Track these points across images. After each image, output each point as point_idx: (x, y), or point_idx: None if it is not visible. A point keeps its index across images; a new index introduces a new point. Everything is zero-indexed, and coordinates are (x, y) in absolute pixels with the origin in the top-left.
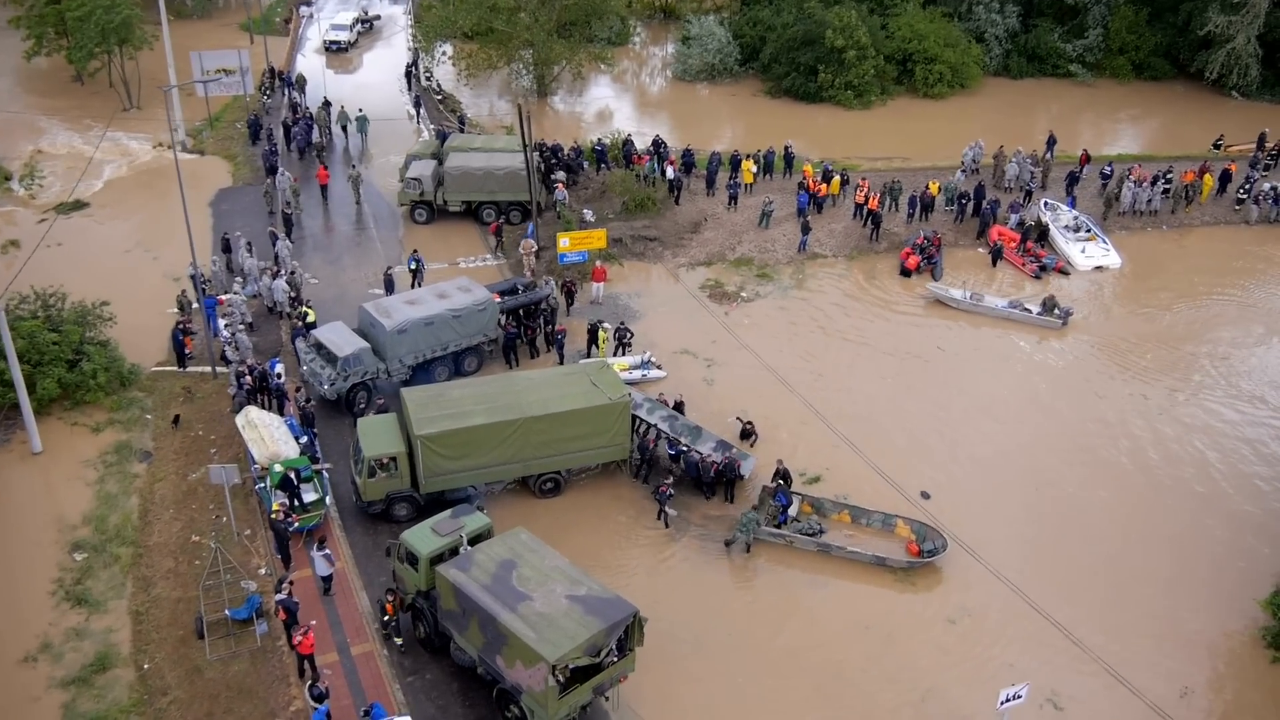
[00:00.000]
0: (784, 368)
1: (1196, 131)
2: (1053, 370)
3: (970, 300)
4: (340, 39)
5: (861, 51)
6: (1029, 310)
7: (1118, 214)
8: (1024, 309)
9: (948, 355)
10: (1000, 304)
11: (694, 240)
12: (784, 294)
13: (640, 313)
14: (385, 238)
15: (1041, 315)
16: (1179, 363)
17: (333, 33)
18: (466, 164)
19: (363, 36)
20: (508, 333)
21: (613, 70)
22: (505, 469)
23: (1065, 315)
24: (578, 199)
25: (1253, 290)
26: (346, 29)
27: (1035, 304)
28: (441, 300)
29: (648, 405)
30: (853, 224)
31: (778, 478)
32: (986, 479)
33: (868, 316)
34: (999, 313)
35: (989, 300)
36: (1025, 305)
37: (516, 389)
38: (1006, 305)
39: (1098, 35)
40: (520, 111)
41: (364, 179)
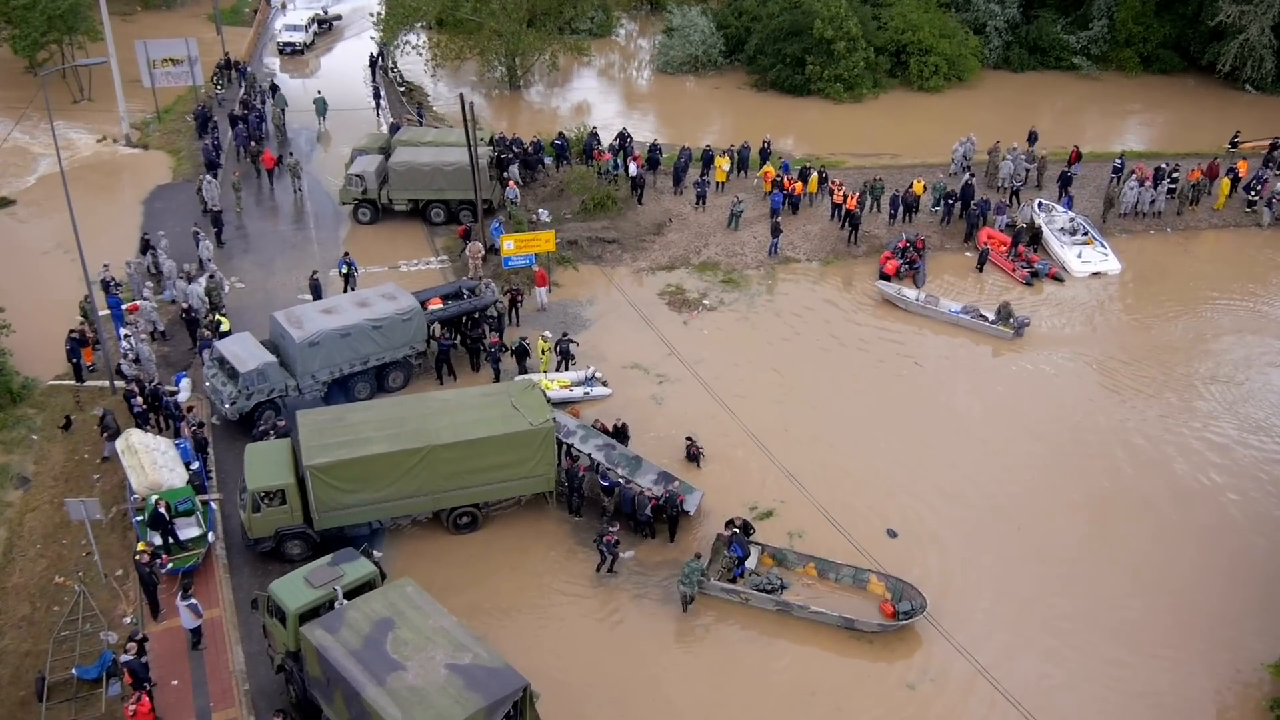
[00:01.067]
0: (743, 384)
1: (1208, 127)
2: (1040, 390)
3: (921, 302)
4: (295, 40)
5: (852, 43)
6: (984, 317)
7: (1118, 215)
8: (979, 315)
9: (924, 371)
10: (953, 308)
11: (656, 243)
12: (750, 302)
13: (591, 322)
14: (325, 238)
15: (994, 324)
16: (1176, 384)
17: (286, 34)
18: (413, 159)
19: (321, 37)
20: (441, 343)
21: (589, 61)
22: (412, 502)
23: (1020, 326)
24: (535, 197)
25: (1264, 300)
26: (301, 29)
27: (992, 310)
28: (361, 309)
29: (581, 432)
30: (830, 225)
31: (734, 527)
32: (961, 516)
33: (841, 327)
34: (950, 318)
35: (943, 304)
36: (981, 311)
37: (426, 413)
38: (959, 310)
39: (1103, 26)
40: (463, 103)
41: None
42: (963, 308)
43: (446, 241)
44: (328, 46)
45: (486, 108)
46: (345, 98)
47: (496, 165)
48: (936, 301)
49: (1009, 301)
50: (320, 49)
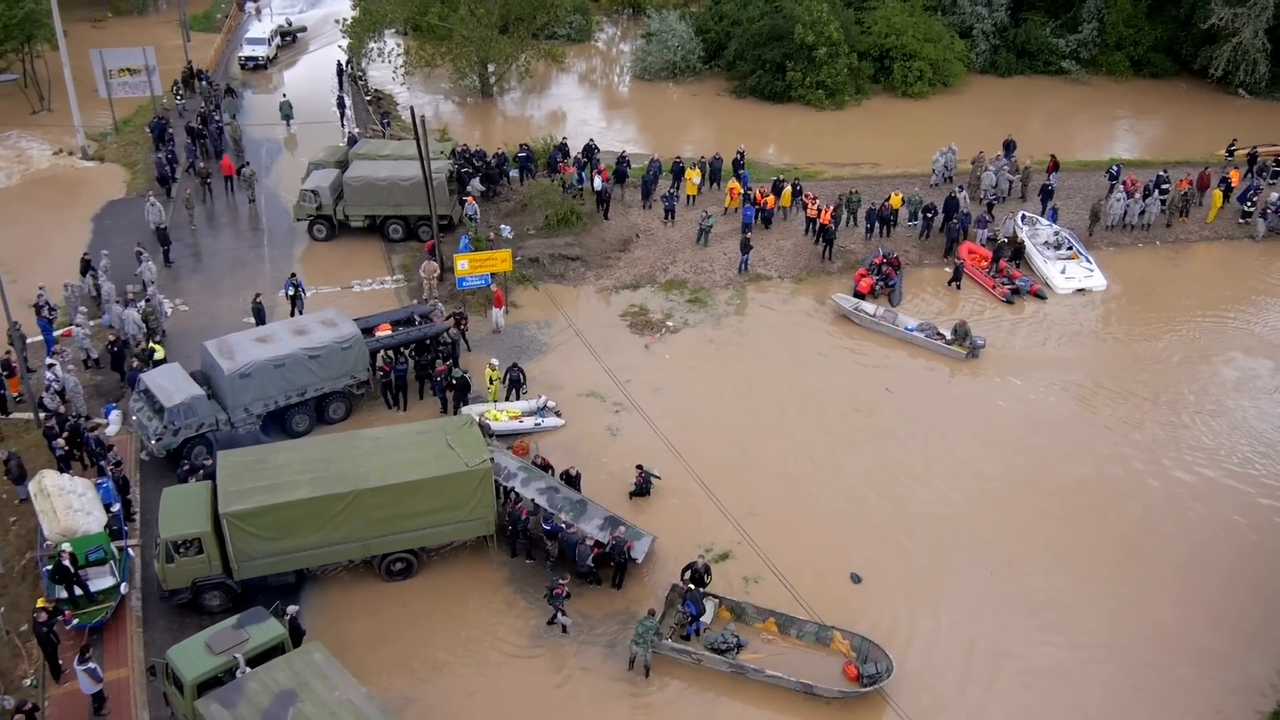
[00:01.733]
0: (703, 413)
1: (1201, 132)
2: (1017, 420)
3: (878, 318)
4: (257, 54)
5: (833, 48)
6: (941, 336)
7: (1105, 228)
8: (936, 334)
9: (895, 399)
10: (909, 325)
11: (622, 260)
12: (716, 323)
13: (548, 346)
14: (278, 256)
15: (949, 344)
16: (1161, 413)
17: (248, 48)
18: (369, 174)
19: (285, 50)
20: (396, 370)
21: (567, 67)
22: (340, 549)
23: (975, 347)
24: (497, 212)
25: (1255, 318)
26: (264, 42)
27: (949, 328)
28: (298, 337)
29: (523, 475)
30: (804, 240)
31: (689, 576)
32: (930, 558)
33: (809, 350)
34: (905, 336)
35: (900, 320)
36: (939, 330)
37: (355, 454)
38: (914, 328)
39: (1093, 29)
40: (414, 117)
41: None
42: (919, 325)
43: (404, 259)
44: (292, 59)
45: (459, 116)
46: (311, 110)
47: (457, 179)
48: (894, 318)
49: (965, 321)
50: (284, 62)
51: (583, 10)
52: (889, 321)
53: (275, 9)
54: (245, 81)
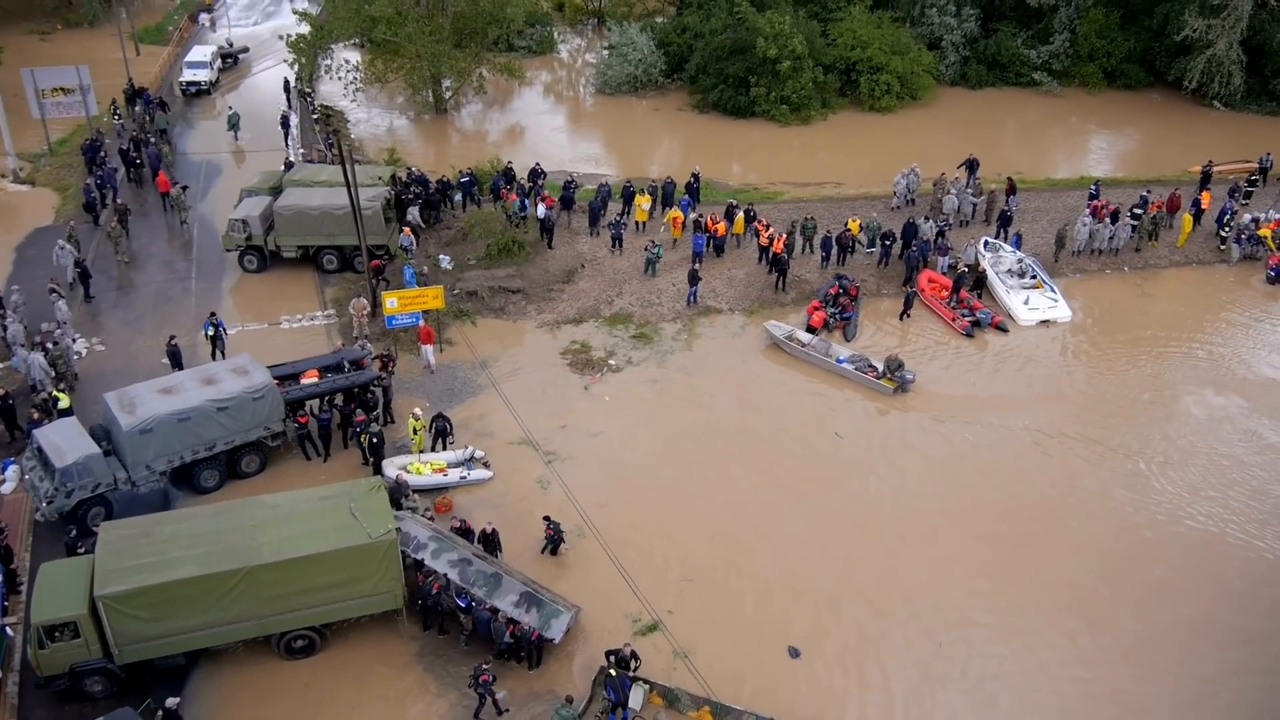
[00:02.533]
0: (641, 463)
1: (1176, 142)
2: (970, 468)
3: (808, 348)
4: (199, 79)
5: (797, 62)
6: (874, 368)
7: (1072, 253)
8: (868, 366)
9: (845, 445)
10: (841, 357)
11: (566, 292)
12: (661, 360)
13: (481, 388)
14: (205, 290)
15: (877, 378)
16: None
17: (189, 72)
18: (301, 203)
19: (226, 73)
20: (319, 419)
21: (530, 80)
22: (233, 629)
23: (903, 382)
24: (438, 240)
25: (1227, 349)
26: (206, 66)
27: (881, 361)
28: (206, 387)
29: (435, 545)
30: (757, 269)
31: (614, 661)
32: (874, 627)
33: (758, 389)
34: (836, 368)
35: (833, 350)
36: (871, 362)
37: (249, 524)
38: (846, 359)
39: (1065, 40)
40: (339, 144)
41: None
42: (849, 356)
43: (337, 292)
44: (235, 82)
45: (412, 134)
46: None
47: (397, 206)
48: (827, 348)
49: (897, 353)
50: (228, 85)
51: (543, 21)
52: (820, 352)
53: (231, 20)
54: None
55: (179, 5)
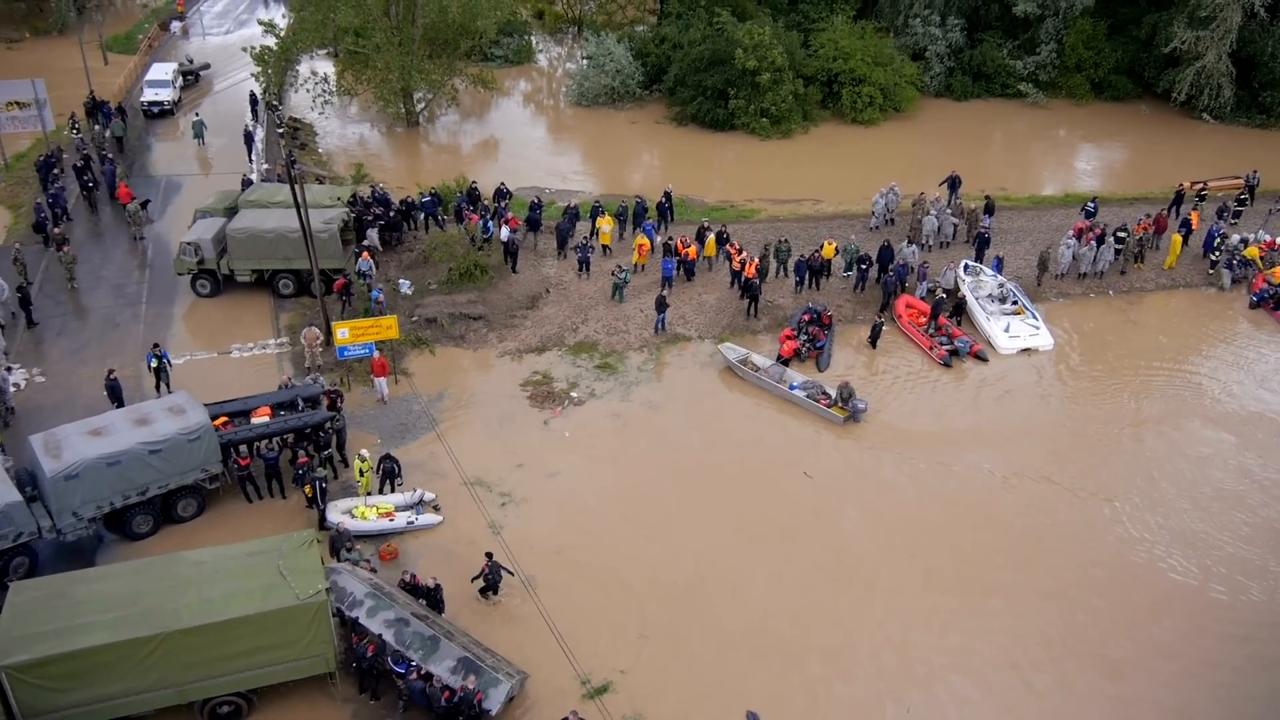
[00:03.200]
0: (599, 505)
1: (1165, 159)
2: (943, 513)
3: (762, 373)
4: (162, 99)
5: (778, 74)
6: (827, 395)
7: (1055, 276)
8: (821, 393)
9: (814, 485)
10: (795, 383)
11: (529, 318)
12: (626, 393)
13: (436, 422)
14: (155, 315)
15: (829, 407)
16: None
17: (150, 92)
18: (255, 225)
19: (188, 90)
20: (265, 458)
21: (508, 91)
22: (152, 696)
23: (855, 411)
24: (399, 264)
25: (1215, 379)
26: (168, 85)
27: (834, 389)
28: (138, 429)
29: (371, 603)
30: (729, 294)
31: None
32: (839, 688)
33: (724, 424)
34: (788, 395)
35: (788, 375)
36: (824, 389)
37: (170, 584)
38: (799, 386)
39: (1051, 51)
40: (289, 167)
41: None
42: (803, 383)
43: (292, 318)
44: (196, 101)
45: (384, 147)
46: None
47: (357, 228)
48: (781, 373)
49: (849, 382)
50: (189, 104)
51: (521, 31)
52: (774, 378)
53: (205, 27)
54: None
55: (150, 13)
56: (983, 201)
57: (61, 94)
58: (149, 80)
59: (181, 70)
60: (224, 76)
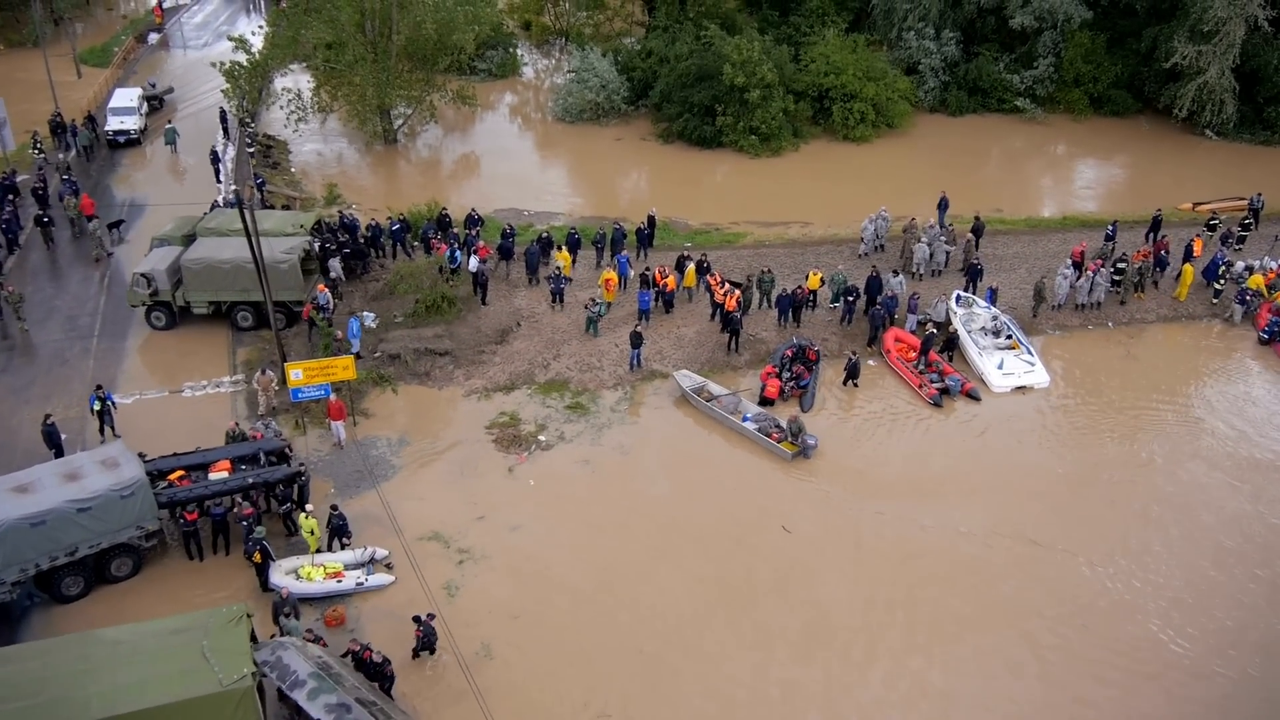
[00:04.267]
0: (563, 562)
1: (1166, 176)
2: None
3: (714, 404)
4: (128, 128)
5: (767, 90)
6: (780, 429)
7: (1052, 308)
8: (775, 426)
9: (794, 541)
10: (748, 414)
11: (498, 354)
12: (597, 436)
13: (395, 469)
14: (107, 350)
15: (778, 442)
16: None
17: (115, 120)
18: (211, 255)
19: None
20: (213, 514)
21: (490, 105)
22: None
23: (805, 448)
24: (364, 294)
25: (1220, 422)
26: (134, 112)
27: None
28: (67, 485)
29: (315, 683)
30: (710, 327)
31: None
32: None
33: (702, 470)
34: (738, 427)
35: (744, 406)
36: (778, 423)
37: (81, 668)
38: (751, 418)
39: (1049, 65)
40: (239, 199)
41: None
42: (755, 414)
43: (250, 353)
44: (161, 126)
45: (361, 166)
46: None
47: (320, 257)
48: (736, 403)
49: (799, 416)
50: (155, 131)
51: (505, 43)
52: (728, 408)
53: (185, 37)
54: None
55: (127, 24)
56: (980, 236)
57: (33, 108)
58: (113, 108)
59: (146, 96)
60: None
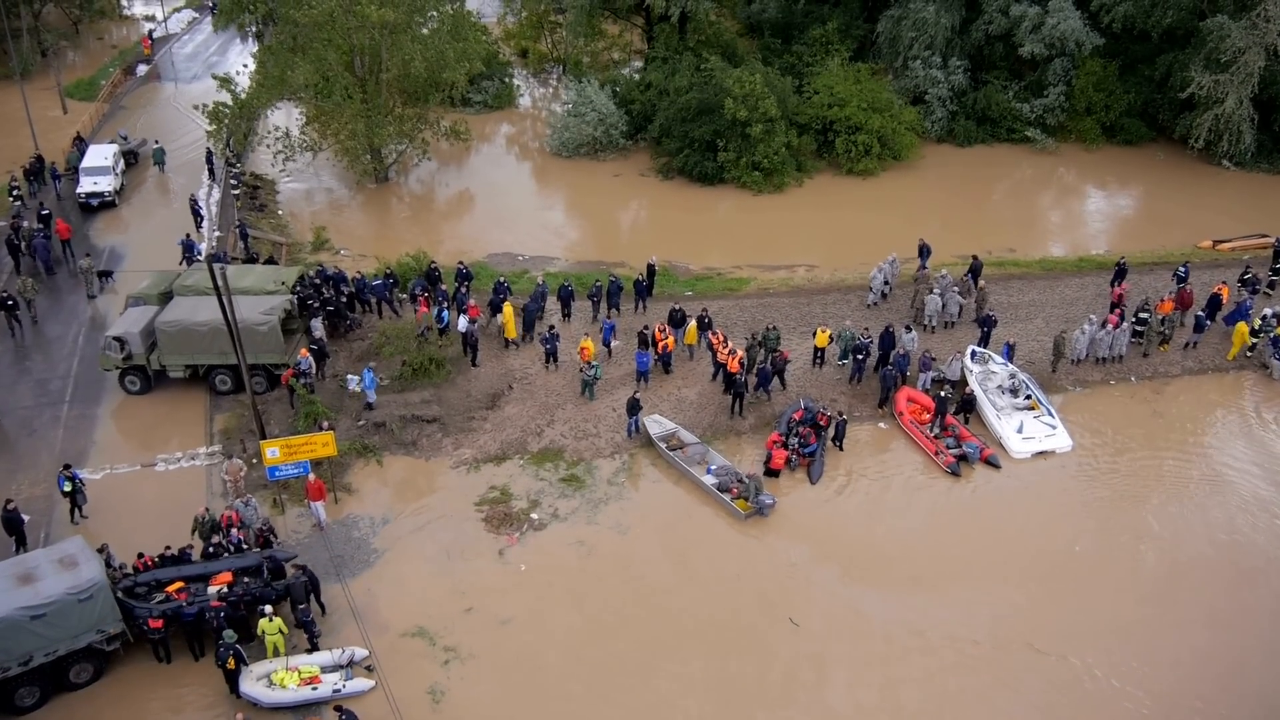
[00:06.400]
0: (552, 664)
1: (1183, 208)
2: (948, 692)
3: (679, 453)
4: (103, 190)
5: (769, 124)
6: (741, 482)
7: (1071, 362)
8: (736, 480)
9: (801, 634)
10: (713, 465)
11: (489, 420)
12: (593, 512)
13: (378, 554)
14: (78, 418)
15: (733, 500)
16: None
17: (89, 182)
18: (186, 318)
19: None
20: (184, 614)
21: (487, 136)
22: None
23: (761, 507)
24: (350, 354)
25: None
26: (109, 172)
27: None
28: (20, 589)
29: None
30: (712, 388)
31: None
32: None
33: (706, 551)
34: (698, 480)
35: (711, 456)
36: (740, 476)
37: None
38: (714, 470)
39: (1060, 93)
40: (210, 267)
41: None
42: (718, 468)
43: (228, 421)
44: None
45: (352, 205)
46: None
47: (304, 313)
48: (704, 453)
49: (756, 474)
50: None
51: (501, 73)
52: (693, 459)
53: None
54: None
55: (116, 55)
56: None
57: (16, 143)
58: (85, 168)
59: (121, 151)
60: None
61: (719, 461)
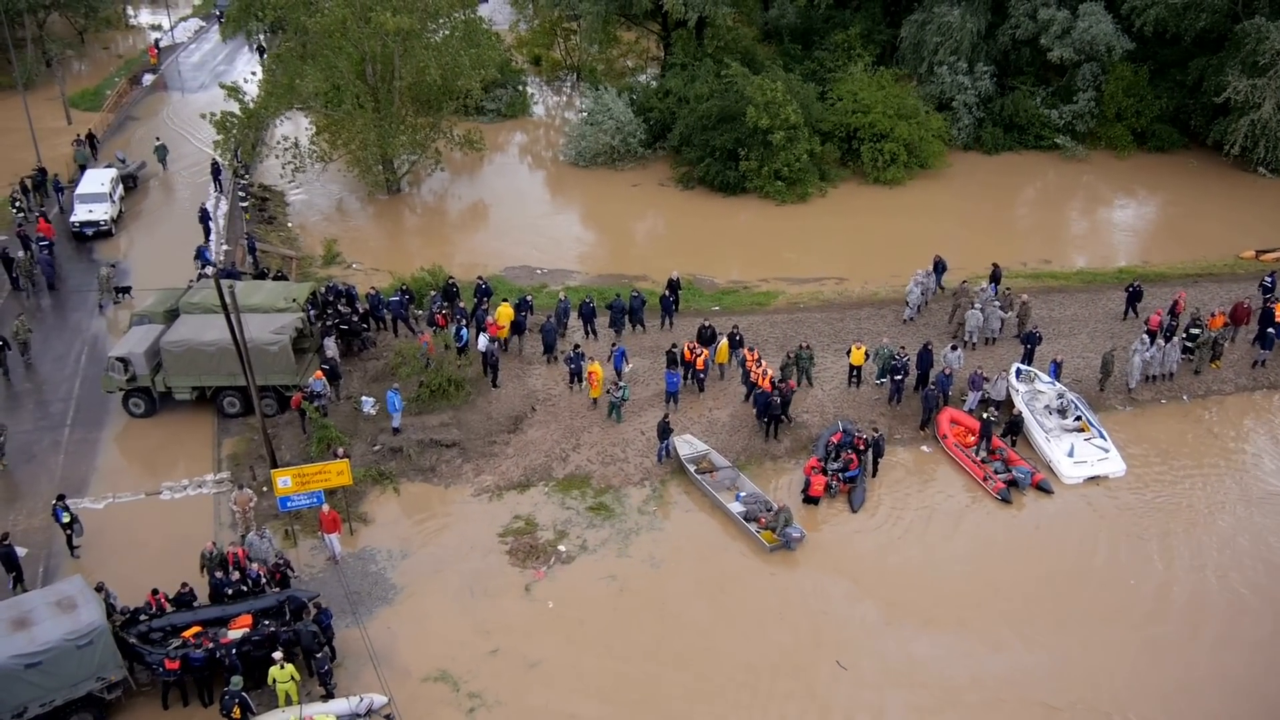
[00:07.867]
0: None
1: (1216, 220)
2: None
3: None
4: (98, 219)
5: (792, 132)
6: (770, 510)
7: (1127, 390)
8: (765, 509)
9: (848, 680)
10: (741, 492)
11: (511, 445)
12: (624, 544)
13: (397, 590)
14: (79, 443)
15: (761, 531)
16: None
17: (83, 209)
18: (193, 337)
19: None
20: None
21: (501, 145)
22: None
23: (788, 540)
24: (364, 375)
25: None
26: (105, 199)
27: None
28: (14, 635)
29: None
30: (744, 409)
31: None
32: None
33: (745, 586)
34: (725, 508)
35: (740, 482)
36: (770, 505)
37: None
38: (742, 498)
39: (1089, 99)
40: (218, 284)
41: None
42: (747, 496)
43: (237, 445)
44: (136, 211)
45: (363, 217)
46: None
47: (318, 332)
48: (735, 478)
49: (787, 506)
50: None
51: (514, 81)
52: (723, 485)
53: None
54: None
55: (122, 65)
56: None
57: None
58: (80, 194)
59: (119, 176)
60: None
61: (749, 488)
